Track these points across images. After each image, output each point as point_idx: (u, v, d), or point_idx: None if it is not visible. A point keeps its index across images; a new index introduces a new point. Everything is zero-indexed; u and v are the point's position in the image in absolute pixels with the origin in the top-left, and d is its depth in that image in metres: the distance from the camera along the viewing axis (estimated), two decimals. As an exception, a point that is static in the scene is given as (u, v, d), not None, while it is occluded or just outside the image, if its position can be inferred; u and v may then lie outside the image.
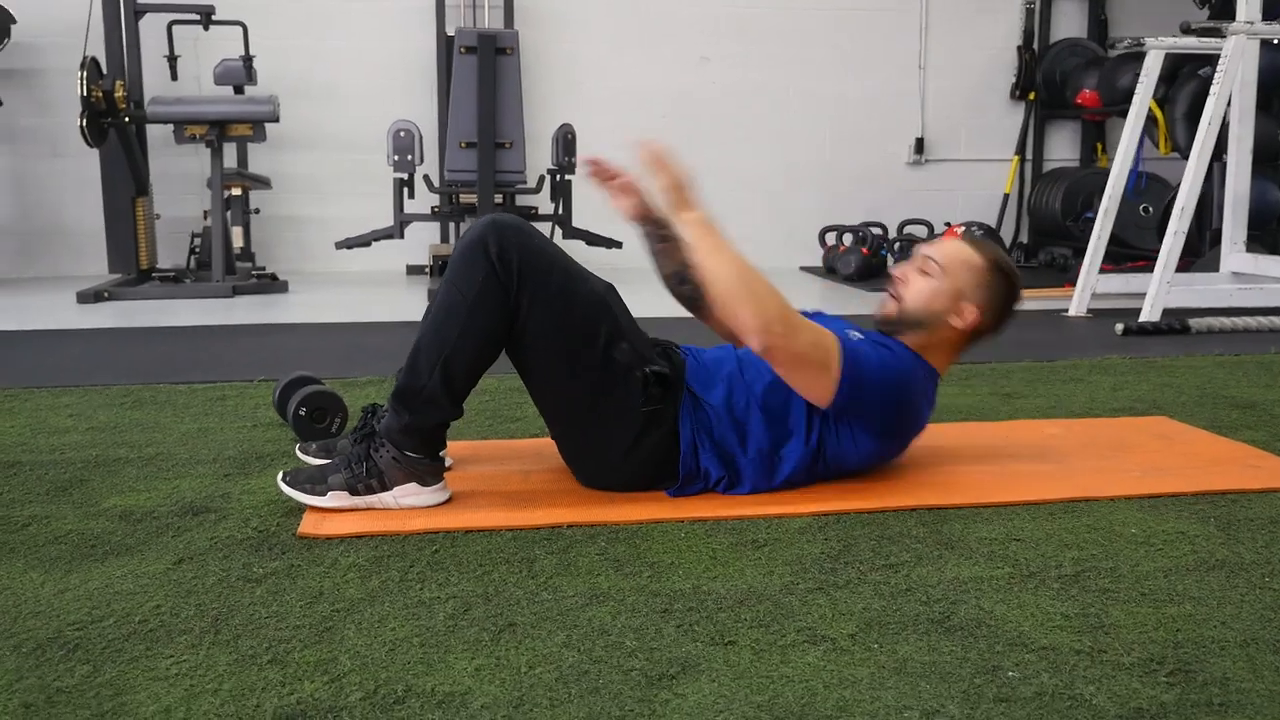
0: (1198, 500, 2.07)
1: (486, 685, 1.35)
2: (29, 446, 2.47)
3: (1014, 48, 6.75)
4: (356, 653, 1.43)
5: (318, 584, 1.67)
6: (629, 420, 2.00)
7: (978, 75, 6.77)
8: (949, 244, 2.18)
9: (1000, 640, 1.47)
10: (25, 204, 6.12)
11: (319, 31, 6.20)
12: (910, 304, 2.14)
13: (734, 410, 2.06)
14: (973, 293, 2.12)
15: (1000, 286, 2.14)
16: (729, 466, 2.06)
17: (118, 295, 5.15)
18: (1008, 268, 2.17)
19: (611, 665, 1.40)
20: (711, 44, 6.54)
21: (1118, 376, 3.25)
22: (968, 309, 2.11)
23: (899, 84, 6.70)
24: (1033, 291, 5.32)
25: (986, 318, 2.14)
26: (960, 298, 2.11)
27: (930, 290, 2.13)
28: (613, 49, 6.46)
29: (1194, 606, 1.59)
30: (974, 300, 2.12)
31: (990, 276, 2.13)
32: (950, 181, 6.82)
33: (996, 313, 2.16)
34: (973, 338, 2.18)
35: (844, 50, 6.62)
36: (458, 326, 1.94)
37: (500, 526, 1.91)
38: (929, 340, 2.14)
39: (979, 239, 2.21)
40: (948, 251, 2.16)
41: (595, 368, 1.98)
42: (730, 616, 1.55)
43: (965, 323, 2.12)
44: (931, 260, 2.15)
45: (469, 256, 1.94)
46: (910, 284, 2.15)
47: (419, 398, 1.96)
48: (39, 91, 5.97)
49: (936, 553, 1.80)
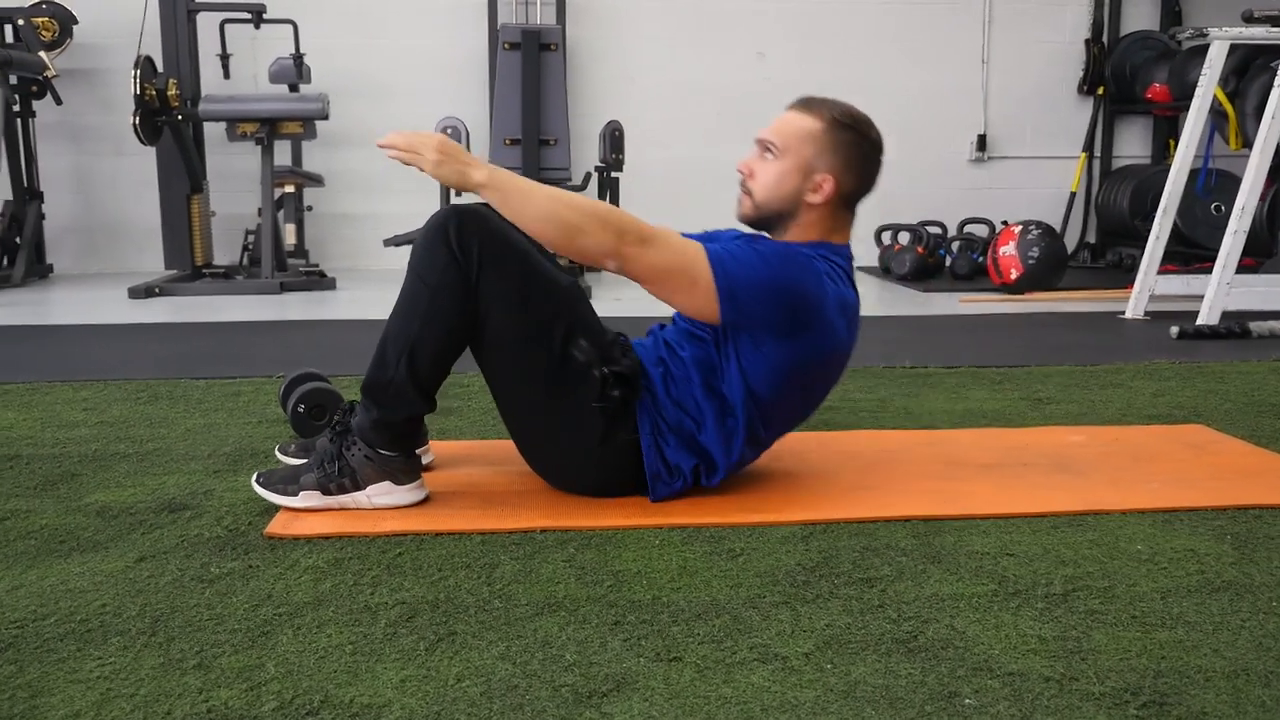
0: (1218, 515, 1.94)
1: (407, 698, 1.29)
2: (34, 440, 2.48)
3: (1082, 41, 6.52)
4: (285, 659, 1.39)
5: (269, 586, 1.63)
6: (590, 421, 1.93)
7: (1043, 70, 6.56)
8: (782, 118, 2.00)
9: (965, 664, 1.38)
10: (88, 201, 6.24)
11: (373, 30, 6.22)
12: (761, 196, 1.98)
13: (673, 391, 1.98)
14: (820, 160, 1.94)
15: (848, 141, 1.95)
16: (697, 452, 1.98)
17: (169, 291, 5.21)
18: (849, 118, 1.97)
19: (544, 680, 1.33)
20: (768, 39, 6.42)
21: (1161, 382, 3.09)
22: (822, 179, 1.94)
23: (961, 79, 6.52)
24: (1091, 293, 5.14)
25: (847, 179, 1.96)
26: (809, 171, 1.95)
27: (776, 174, 1.96)
28: (666, 45, 6.38)
29: (1187, 632, 1.47)
30: (825, 168, 1.94)
31: (833, 136, 1.95)
32: (1013, 179, 6.62)
33: (857, 170, 1.97)
34: (846, 204, 2.00)
35: (904, 45, 6.46)
36: (421, 316, 1.89)
37: (470, 530, 1.86)
38: (798, 225, 1.98)
39: (811, 100, 2.01)
40: (781, 127, 1.97)
41: (552, 364, 1.91)
42: (683, 631, 1.47)
43: (824, 194, 1.95)
44: (767, 142, 1.98)
45: (430, 245, 1.89)
46: (756, 175, 1.99)
47: (387, 391, 1.92)
48: (101, 90, 6.07)
49: (920, 567, 1.70)
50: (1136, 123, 6.69)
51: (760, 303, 1.87)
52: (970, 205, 6.45)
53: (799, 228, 1.98)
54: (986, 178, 6.62)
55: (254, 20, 5.39)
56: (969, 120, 6.56)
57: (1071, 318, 4.47)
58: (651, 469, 1.96)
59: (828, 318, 1.92)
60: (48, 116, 5.93)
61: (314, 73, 5.90)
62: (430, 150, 1.83)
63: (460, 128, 5.25)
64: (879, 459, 2.26)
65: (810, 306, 1.90)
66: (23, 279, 5.58)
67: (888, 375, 3.18)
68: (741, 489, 2.06)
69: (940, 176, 6.57)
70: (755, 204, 1.98)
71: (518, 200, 1.84)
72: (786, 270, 1.88)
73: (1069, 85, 6.58)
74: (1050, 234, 5.23)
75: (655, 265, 1.85)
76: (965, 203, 6.49)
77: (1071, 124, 6.61)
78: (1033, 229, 5.22)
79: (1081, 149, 6.58)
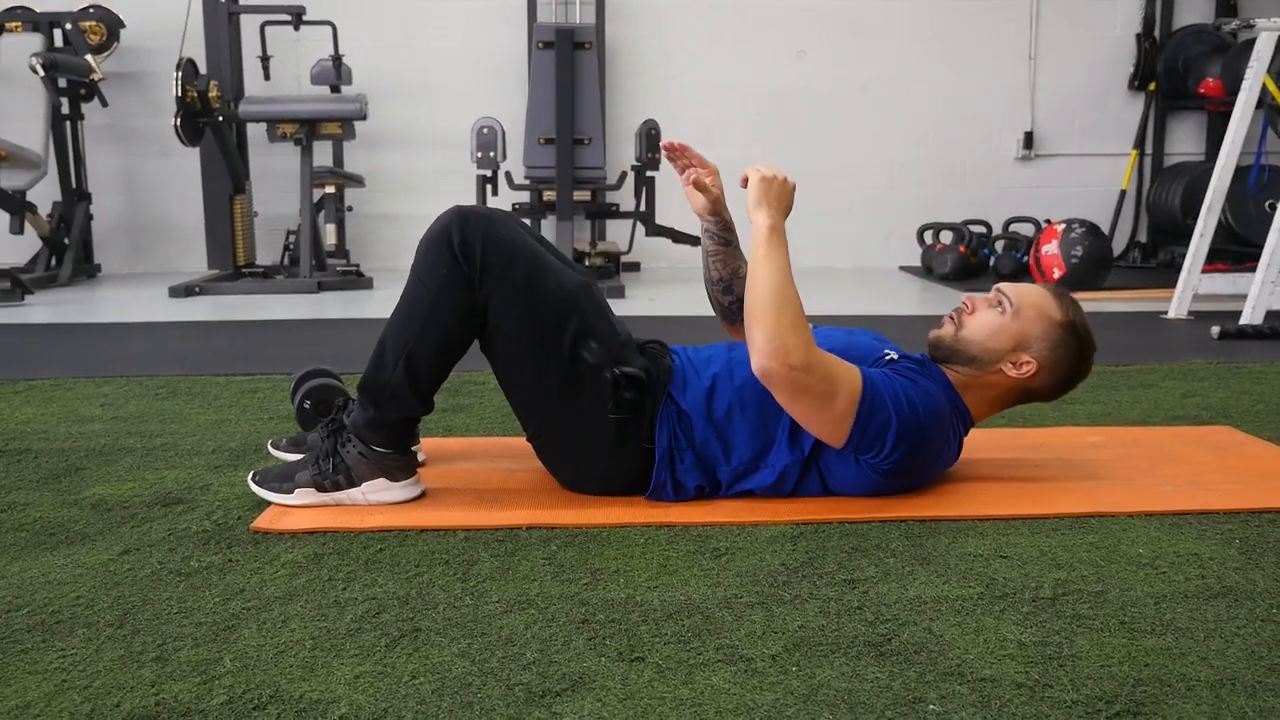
0: (1229, 519, 1.86)
1: (357, 694, 1.27)
2: (48, 434, 2.51)
3: (1133, 35, 6.37)
4: (244, 654, 1.37)
5: (244, 580, 1.62)
6: (601, 424, 1.90)
7: (1092, 65, 6.42)
8: (1030, 287, 2.00)
9: (936, 669, 1.33)
10: (135, 202, 6.34)
11: (413, 31, 6.25)
12: (968, 333, 1.96)
13: (713, 412, 1.93)
14: (1037, 345, 1.94)
15: (1069, 349, 1.95)
16: (709, 478, 1.94)
17: (209, 290, 5.28)
18: (1084, 332, 1.97)
19: (499, 679, 1.31)
20: (810, 37, 6.36)
21: (1194, 382, 3.00)
22: (1026, 360, 1.93)
23: (1007, 76, 6.40)
24: (1136, 293, 5.02)
25: (1044, 376, 1.96)
26: (1022, 346, 1.94)
27: (993, 327, 1.95)
28: (706, 44, 6.34)
29: (1176, 638, 1.41)
30: (1035, 353, 1.94)
31: (1062, 335, 1.94)
32: (1061, 177, 6.48)
33: (1056, 376, 1.97)
34: (1023, 394, 2.00)
35: (948, 42, 6.36)
36: (421, 320, 1.88)
37: (457, 526, 1.84)
38: (975, 380, 1.96)
39: (1065, 293, 2.01)
40: (1025, 293, 1.98)
41: (562, 366, 1.88)
42: (651, 630, 1.44)
43: (1019, 374, 1.94)
44: (1005, 296, 1.97)
45: (433, 249, 1.87)
46: (976, 314, 1.98)
47: (384, 392, 1.90)
48: (148, 93, 6.16)
49: (908, 568, 1.65)
50: (1189, 119, 6.52)
51: (884, 440, 1.84)
52: (1017, 204, 6.34)
53: (976, 381, 1.97)
54: (1033, 176, 6.49)
55: (293, 22, 5.44)
56: (1015, 117, 6.44)
57: (1112, 318, 4.36)
58: (657, 480, 1.92)
59: (928, 475, 1.97)
60: (96, 119, 6.04)
61: (356, 74, 5.95)
62: (769, 170, 1.89)
63: (496, 128, 5.26)
64: (884, 459, 2.21)
65: (922, 465, 1.93)
66: (70, 278, 5.69)
67: (910, 375, 3.12)
68: (737, 488, 2.02)
69: (986, 175, 6.46)
70: (959, 337, 1.97)
71: (764, 255, 1.83)
72: (932, 427, 1.88)
73: (1119, 81, 6.44)
74: (1094, 232, 5.11)
75: (796, 381, 1.78)
76: (1011, 201, 6.37)
77: (1122, 120, 6.46)
78: (1076, 227, 5.11)
79: (1132, 146, 6.43)
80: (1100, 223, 6.31)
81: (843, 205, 6.44)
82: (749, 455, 1.93)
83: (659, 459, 1.91)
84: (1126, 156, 6.45)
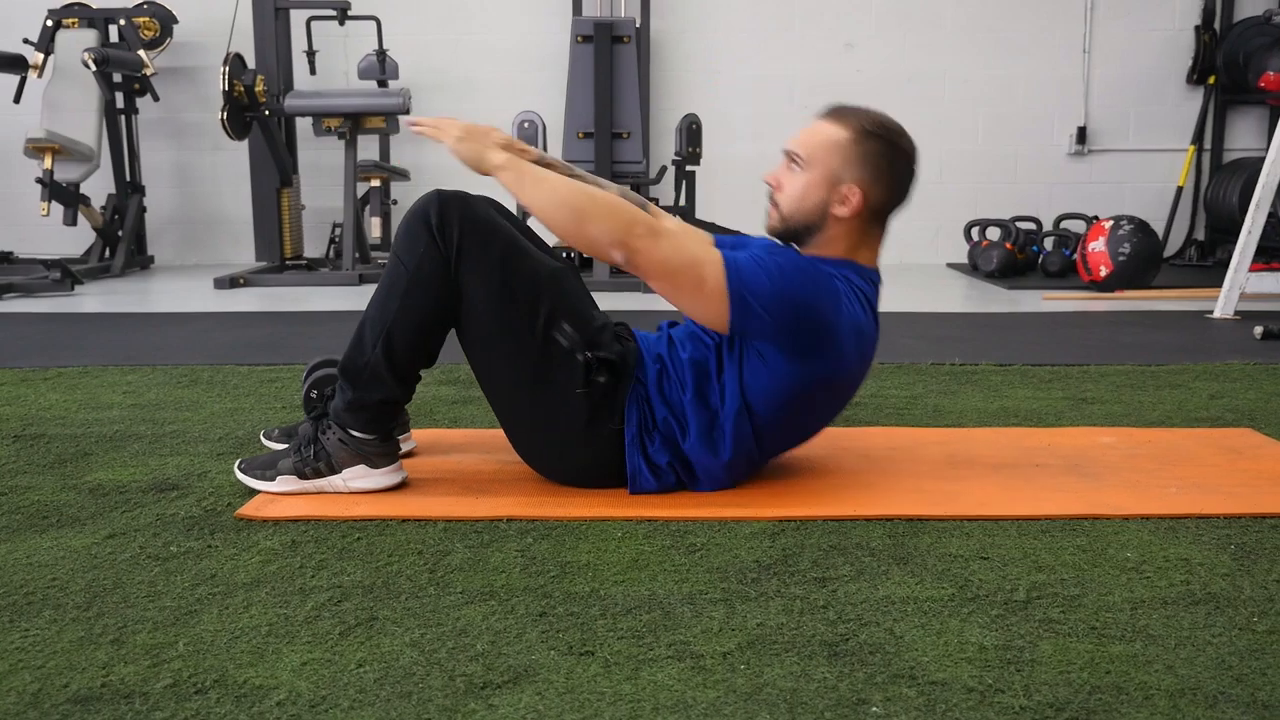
0: (1229, 524, 1.80)
1: (300, 680, 1.28)
2: (65, 420, 2.56)
3: (1191, 28, 6.20)
4: (199, 639, 1.39)
5: (218, 566, 1.64)
6: (573, 409, 1.89)
7: (1149, 59, 6.26)
8: (808, 128, 1.92)
9: (888, 670, 1.30)
10: (188, 195, 6.46)
11: (460, 25, 6.29)
12: (787, 208, 1.90)
13: (665, 390, 1.92)
14: (847, 172, 1.86)
15: (877, 152, 1.87)
16: (679, 458, 1.92)
17: (253, 282, 5.36)
18: (879, 127, 1.88)
19: (445, 669, 1.31)
20: (859, 29, 6.28)
21: (1225, 383, 2.91)
22: (848, 191, 1.86)
23: (1060, 70, 6.26)
24: (1185, 291, 4.89)
25: (875, 191, 1.87)
26: (835, 182, 1.86)
27: (801, 186, 1.88)
28: (752, 37, 6.30)
29: (1145, 645, 1.37)
30: (852, 180, 1.86)
31: (862, 147, 1.86)
32: (1116, 173, 6.34)
33: (886, 182, 1.88)
34: (873, 218, 1.91)
35: (999, 34, 6.25)
36: (399, 299, 1.89)
37: (437, 516, 1.84)
38: (827, 240, 1.90)
39: (843, 106, 1.93)
40: (807, 138, 1.90)
41: (535, 349, 1.88)
42: (608, 625, 1.43)
43: (852, 207, 1.86)
44: (793, 153, 1.90)
45: (411, 229, 1.89)
46: (783, 187, 1.91)
47: (363, 373, 1.92)
48: (201, 88, 6.27)
49: (884, 568, 1.62)
50: (1250, 113, 6.34)
51: (772, 314, 1.79)
52: (1069, 200, 6.21)
53: (826, 242, 1.91)
54: (1087, 172, 6.35)
55: (338, 17, 5.50)
56: (1068, 112, 6.30)
57: (1156, 316, 4.25)
58: (632, 465, 1.91)
59: (839, 341, 1.85)
60: (150, 113, 6.16)
61: (403, 68, 5.99)
62: (455, 128, 1.89)
63: (537, 122, 5.27)
64: (882, 456, 2.17)
65: (823, 327, 1.82)
66: (122, 269, 5.81)
67: (931, 372, 3.07)
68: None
69: (1037, 171, 6.34)
70: (782, 216, 1.92)
71: (531, 184, 1.83)
72: (805, 285, 1.81)
73: (1177, 74, 6.27)
74: (1143, 229, 4.99)
75: (663, 260, 1.80)
76: (1064, 198, 6.25)
77: (1179, 115, 6.29)
78: (1124, 224, 4.99)
79: (1190, 141, 6.26)
80: (1156, 220, 6.18)
81: (890, 201, 6.36)
82: (705, 420, 1.90)
83: (629, 442, 1.90)
84: (1184, 152, 6.28)
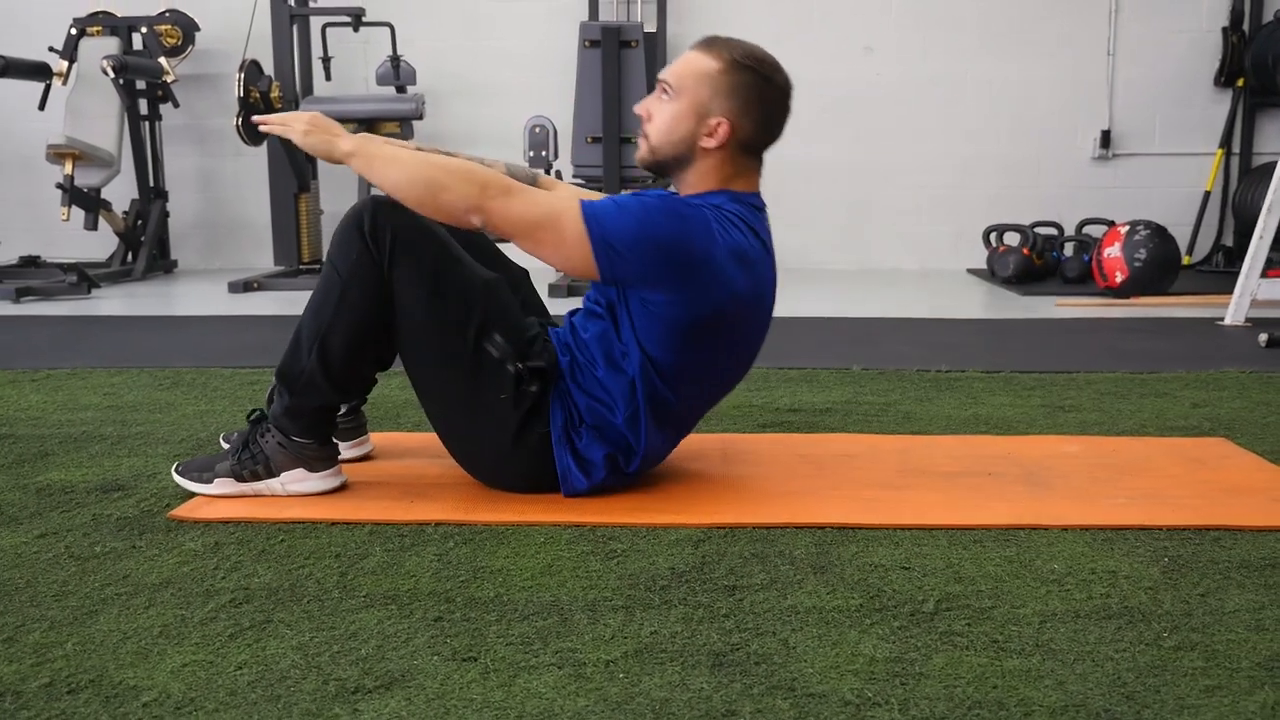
0: (1170, 536, 1.75)
1: (174, 683, 1.27)
2: (40, 420, 2.59)
3: (1219, 29, 6.07)
4: (90, 639, 1.39)
5: (134, 567, 1.64)
6: (505, 419, 1.88)
7: (1175, 61, 6.14)
8: (682, 57, 1.89)
9: (768, 682, 1.27)
10: (211, 200, 6.55)
11: (479, 32, 6.32)
12: (656, 139, 1.87)
13: (579, 377, 1.90)
14: (716, 103, 1.82)
15: (747, 84, 1.83)
16: (613, 439, 1.90)
17: (267, 286, 5.41)
18: (751, 59, 1.84)
19: (321, 674, 1.30)
20: (878, 33, 6.22)
21: (1211, 392, 2.83)
22: (716, 123, 1.82)
23: (1084, 72, 6.16)
24: (1201, 298, 4.78)
25: (744, 124, 1.83)
26: (704, 114, 1.83)
27: (669, 116, 1.84)
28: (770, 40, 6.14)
29: (1043, 660, 1.33)
30: (720, 111, 1.82)
31: (731, 78, 1.82)
32: (1141, 178, 6.22)
33: (756, 116, 1.84)
34: (744, 150, 1.87)
35: (1021, 37, 6.16)
36: (333, 306, 1.90)
37: (368, 520, 1.84)
38: (697, 174, 1.87)
39: (716, 38, 1.89)
40: (678, 68, 1.87)
41: (466, 358, 1.87)
42: (499, 631, 1.41)
43: (719, 139, 1.83)
44: (663, 82, 1.87)
45: (345, 235, 1.89)
46: (653, 117, 1.88)
47: (299, 379, 1.92)
48: (224, 94, 6.34)
49: (799, 576, 1.59)
50: (1280, 116, 6.20)
51: (638, 254, 1.77)
52: (1093, 205, 6.10)
53: (695, 174, 1.88)
54: (1111, 176, 6.24)
55: (353, 24, 5.54)
56: (1092, 115, 6.20)
57: (1165, 323, 4.16)
58: (561, 466, 1.90)
59: (716, 268, 1.80)
60: (174, 119, 6.25)
61: (422, 74, 6.02)
62: (300, 122, 1.88)
63: (549, 126, 5.28)
64: (833, 463, 2.14)
65: (694, 258, 1.78)
66: (143, 274, 5.90)
67: (913, 379, 3.02)
68: (664, 487, 1.99)
69: (1060, 175, 6.24)
70: (650, 147, 1.89)
71: (382, 165, 1.82)
72: (668, 221, 1.78)
73: (1204, 77, 6.14)
74: (1160, 235, 4.89)
75: (519, 217, 1.78)
76: (1087, 202, 6.14)
77: (1206, 118, 6.16)
78: (1140, 229, 4.89)
79: (1218, 145, 6.13)
80: (1183, 226, 6.06)
81: (910, 205, 6.30)
82: (621, 390, 1.88)
83: (556, 441, 1.89)
84: (1211, 156, 6.15)
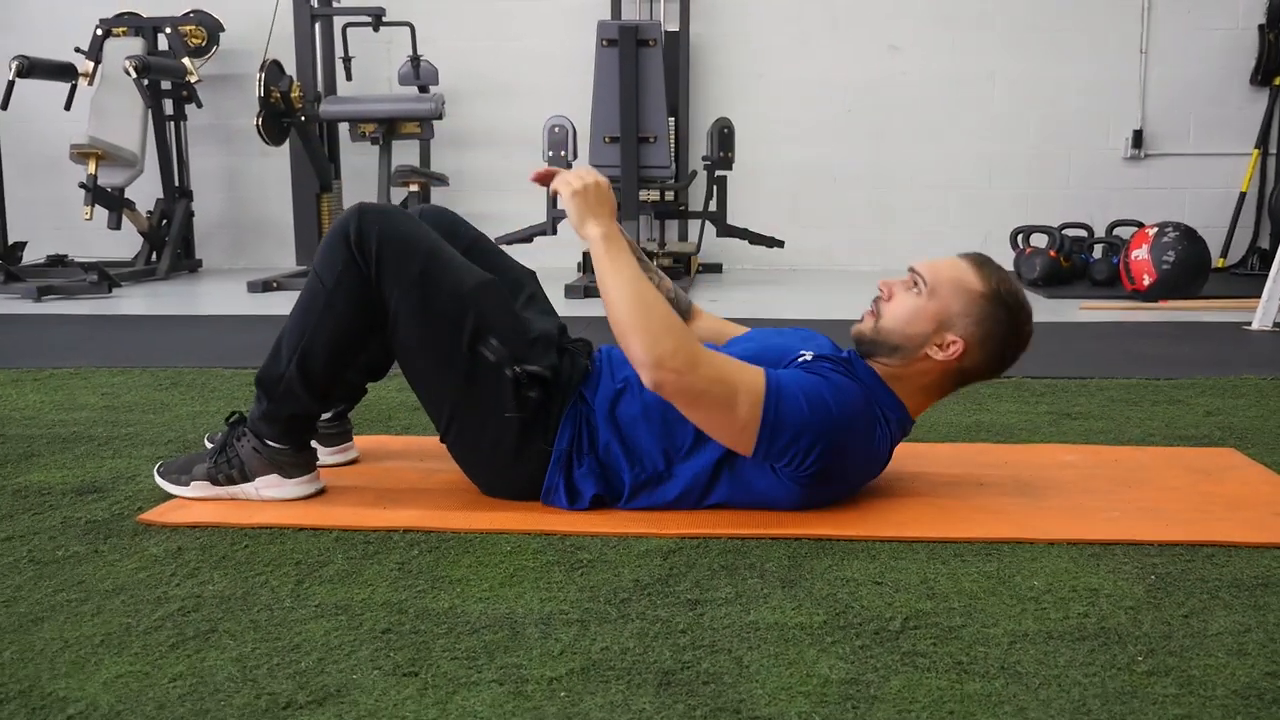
0: (1160, 552, 1.68)
1: (105, 694, 1.24)
2: (33, 421, 2.59)
3: (1255, 26, 5.93)
4: (30, 647, 1.37)
5: (91, 573, 1.62)
6: (504, 426, 1.83)
7: (1210, 59, 6.00)
8: (946, 260, 1.85)
9: (713, 704, 1.22)
10: (235, 199, 6.58)
11: (502, 32, 6.30)
12: (887, 322, 1.83)
13: (618, 414, 1.84)
14: (960, 322, 1.79)
15: (997, 320, 1.80)
16: (609, 485, 1.85)
17: (286, 285, 5.41)
18: (1012, 300, 1.81)
19: (256, 687, 1.26)
20: (905, 31, 6.14)
21: (1226, 399, 2.74)
22: (951, 340, 1.79)
23: (1115, 71, 6.04)
24: (1230, 302, 4.66)
25: (975, 354, 1.81)
26: (945, 325, 1.79)
27: (911, 310, 1.81)
28: (795, 41, 6.19)
29: (1007, 683, 1.27)
30: (960, 331, 1.79)
31: (987, 306, 1.79)
32: (1174, 178, 6.09)
33: (989, 351, 1.82)
34: (958, 376, 1.85)
35: (1051, 35, 6.05)
36: (316, 315, 1.86)
37: (335, 526, 1.80)
38: (903, 371, 1.83)
39: (986, 260, 1.85)
40: (940, 268, 1.83)
41: (462, 364, 1.83)
42: (446, 645, 1.37)
43: (947, 355, 1.80)
44: (919, 275, 1.83)
45: (331, 245, 1.85)
46: (893, 300, 1.84)
47: (278, 386, 1.89)
48: (248, 94, 6.32)
49: (767, 590, 1.54)
50: (1320, 116, 6.04)
51: (794, 442, 1.72)
52: (1125, 206, 5.98)
53: (903, 371, 1.84)
54: (1143, 177, 6.11)
55: (373, 24, 5.54)
56: (1124, 115, 6.08)
57: (1190, 328, 4.05)
58: (550, 480, 1.85)
59: (848, 474, 1.82)
60: (199, 119, 6.28)
61: (445, 74, 6.02)
62: (577, 181, 1.80)
63: (568, 126, 5.24)
64: (820, 472, 2.08)
65: (844, 462, 1.78)
66: (167, 273, 5.92)
67: (920, 384, 2.94)
68: (644, 497, 1.94)
69: (1091, 176, 6.12)
70: (877, 327, 1.85)
71: (608, 270, 1.75)
72: (842, 425, 1.74)
73: (1240, 75, 6.00)
74: (1189, 236, 4.77)
75: (689, 387, 1.69)
76: (1119, 204, 6.03)
77: (1242, 118, 6.02)
78: (1169, 231, 4.78)
79: (1254, 145, 5.99)
80: (1218, 227, 5.93)
81: (938, 206, 6.21)
82: (656, 464, 1.83)
83: (554, 459, 1.84)
84: (1247, 156, 6.01)
